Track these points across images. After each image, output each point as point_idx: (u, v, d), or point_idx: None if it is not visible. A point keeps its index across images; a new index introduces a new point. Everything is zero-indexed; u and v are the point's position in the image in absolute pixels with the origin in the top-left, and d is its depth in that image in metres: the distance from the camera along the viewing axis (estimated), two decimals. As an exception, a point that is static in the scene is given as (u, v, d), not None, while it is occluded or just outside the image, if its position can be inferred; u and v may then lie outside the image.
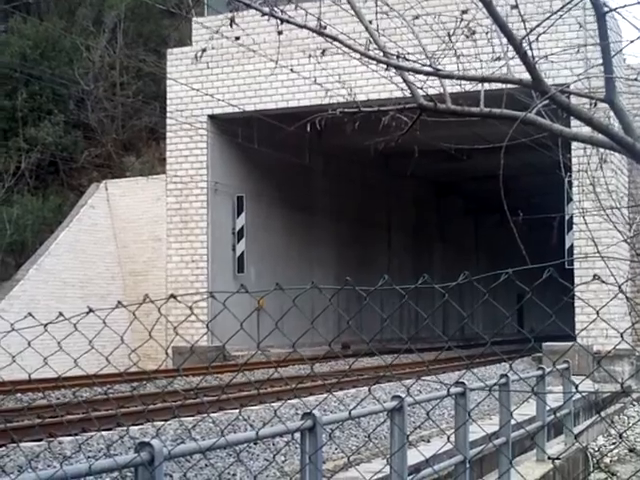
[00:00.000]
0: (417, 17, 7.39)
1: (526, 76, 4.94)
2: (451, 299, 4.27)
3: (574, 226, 22.18)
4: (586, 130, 5.51)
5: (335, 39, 5.58)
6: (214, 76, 26.85)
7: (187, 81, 26.44)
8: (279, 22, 5.77)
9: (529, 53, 4.84)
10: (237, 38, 24.56)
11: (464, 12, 6.77)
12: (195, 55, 10.92)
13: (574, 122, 9.82)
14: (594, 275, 4.21)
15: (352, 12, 5.77)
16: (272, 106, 26.30)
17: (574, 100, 5.84)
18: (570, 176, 14.59)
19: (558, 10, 5.54)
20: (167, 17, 37.27)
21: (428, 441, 11.96)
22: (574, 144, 17.74)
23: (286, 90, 25.99)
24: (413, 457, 8.50)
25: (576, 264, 22.56)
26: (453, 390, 9.45)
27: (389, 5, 6.84)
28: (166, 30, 37.76)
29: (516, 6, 5.92)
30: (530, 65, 4.85)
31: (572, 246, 23.29)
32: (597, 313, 4.26)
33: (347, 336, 28.91)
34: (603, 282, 4.33)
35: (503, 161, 5.17)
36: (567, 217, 22.18)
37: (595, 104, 5.65)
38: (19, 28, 35.75)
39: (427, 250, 41.96)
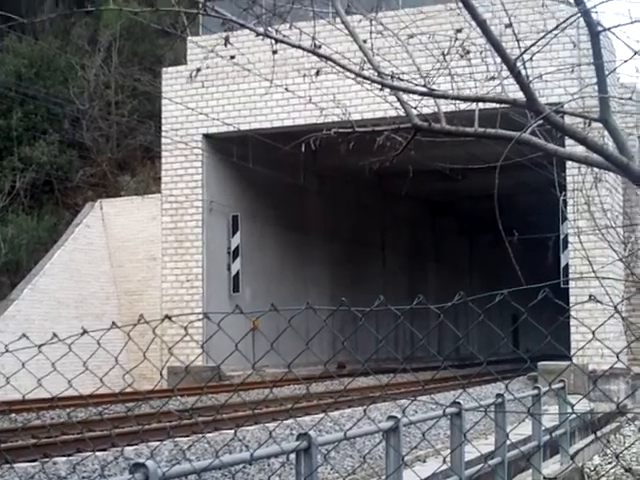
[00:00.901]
0: (411, 36, 7.39)
1: (520, 95, 4.95)
2: (446, 319, 4.26)
3: (569, 245, 22.15)
4: (580, 150, 5.51)
5: (329, 59, 5.60)
6: (209, 95, 26.87)
7: (182, 100, 26.47)
8: (274, 42, 5.79)
9: (523, 72, 4.84)
10: (232, 57, 24.56)
11: (458, 31, 6.77)
12: (190, 74, 10.94)
13: (568, 141, 9.84)
14: (590, 296, 4.20)
15: (346, 31, 5.78)
16: (267, 125, 26.32)
17: (568, 119, 5.84)
18: (565, 195, 14.61)
19: (552, 29, 5.55)
20: (162, 36, 37.34)
21: (424, 461, 11.89)
22: (569, 163, 17.72)
23: (281, 109, 26.02)
24: (409, 478, 8.45)
25: (571, 283, 22.52)
26: (449, 410, 9.44)
27: (383, 24, 6.86)
28: (161, 49, 37.81)
29: (510, 25, 5.92)
30: (524, 84, 4.85)
31: (567, 265, 23.27)
32: (593, 333, 4.24)
33: (342, 356, 28.84)
34: (598, 302, 4.32)
35: (498, 180, 5.17)
36: (562, 236, 22.16)
37: (589, 123, 5.66)
38: (14, 47, 35.81)
39: (422, 269, 41.89)
